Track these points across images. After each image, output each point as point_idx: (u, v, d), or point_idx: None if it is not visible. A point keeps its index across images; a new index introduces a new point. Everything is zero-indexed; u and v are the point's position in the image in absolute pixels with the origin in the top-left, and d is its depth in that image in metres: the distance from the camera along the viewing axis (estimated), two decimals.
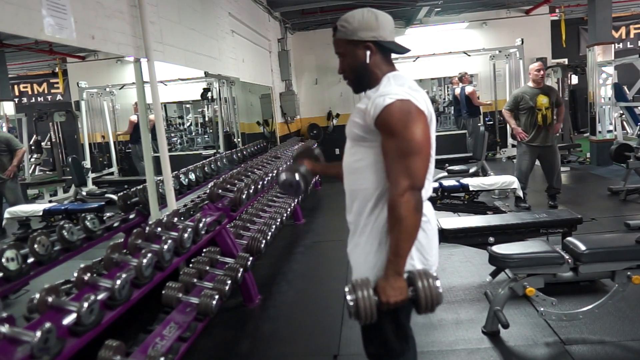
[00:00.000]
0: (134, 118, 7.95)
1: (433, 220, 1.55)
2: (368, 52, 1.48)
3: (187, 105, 10.78)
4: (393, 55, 1.55)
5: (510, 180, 4.61)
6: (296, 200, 4.86)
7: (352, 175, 1.53)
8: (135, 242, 2.32)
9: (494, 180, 4.69)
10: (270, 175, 4.25)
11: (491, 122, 9.24)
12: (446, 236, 3.36)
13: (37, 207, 4.67)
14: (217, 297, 2.41)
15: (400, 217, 1.34)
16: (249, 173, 4.32)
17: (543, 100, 5.03)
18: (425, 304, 1.39)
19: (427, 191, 1.51)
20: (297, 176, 1.74)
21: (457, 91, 8.87)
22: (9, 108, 8.33)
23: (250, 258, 3.07)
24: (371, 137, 1.44)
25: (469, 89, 8.54)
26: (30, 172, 8.65)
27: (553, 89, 5.29)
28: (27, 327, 1.56)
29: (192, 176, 3.81)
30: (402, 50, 1.53)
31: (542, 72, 5.14)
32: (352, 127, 1.51)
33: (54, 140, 8.70)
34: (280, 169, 1.84)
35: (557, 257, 2.58)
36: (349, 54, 1.50)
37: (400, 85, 1.43)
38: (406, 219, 1.34)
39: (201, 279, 2.69)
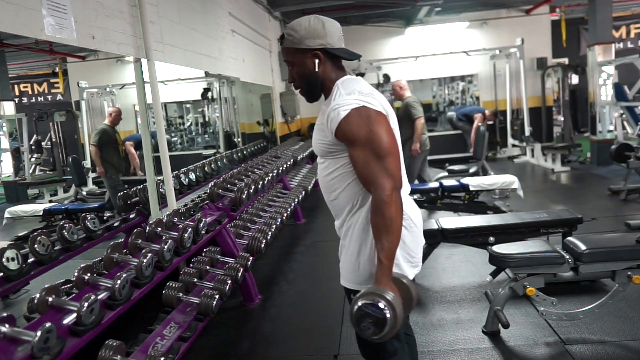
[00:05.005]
0: None
1: (416, 217, 1.54)
2: (317, 61, 1.47)
3: (188, 105, 10.78)
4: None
5: (510, 180, 4.61)
6: (296, 200, 4.85)
7: (329, 188, 1.54)
8: (135, 242, 2.32)
9: (494, 180, 4.69)
10: (271, 175, 4.25)
11: (491, 122, 9.25)
12: (446, 236, 3.36)
13: (38, 207, 4.68)
14: (217, 296, 2.41)
15: (392, 218, 1.32)
16: (249, 173, 4.32)
17: None
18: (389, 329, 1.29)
19: (405, 188, 1.53)
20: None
21: None
22: (9, 108, 8.33)
23: (251, 258, 3.07)
24: (338, 149, 1.44)
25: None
26: (30, 172, 8.64)
27: (403, 103, 5.31)
28: (28, 326, 1.56)
29: (192, 176, 3.81)
30: (352, 56, 1.52)
31: (396, 90, 5.36)
32: (317, 143, 1.51)
33: (54, 140, 8.72)
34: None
35: (558, 257, 2.58)
36: (297, 62, 1.49)
37: (349, 94, 1.42)
38: (397, 220, 1.34)
39: (201, 278, 2.69)
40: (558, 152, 7.50)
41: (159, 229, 2.53)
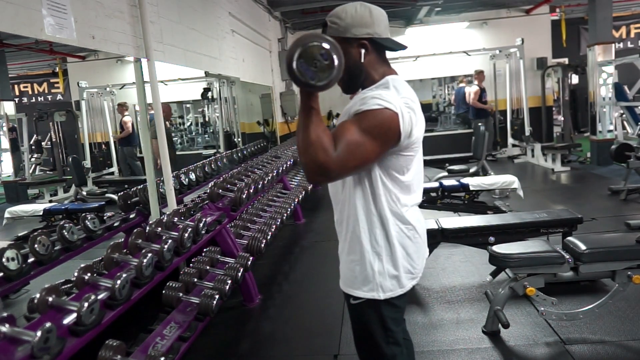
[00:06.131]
0: (128, 119, 8.06)
1: (420, 228, 1.49)
2: (363, 51, 1.38)
3: (188, 105, 10.79)
4: (390, 56, 1.47)
5: (510, 180, 4.60)
6: (297, 200, 4.85)
7: (335, 184, 1.48)
8: (135, 242, 2.32)
9: (494, 180, 4.69)
10: (271, 175, 4.25)
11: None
12: (446, 236, 3.36)
13: (38, 207, 4.67)
14: (217, 296, 2.41)
15: (310, 154, 1.24)
16: (249, 173, 4.32)
17: None
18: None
19: (415, 200, 1.48)
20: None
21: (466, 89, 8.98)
22: (9, 108, 8.34)
23: (251, 258, 3.07)
24: None
25: (472, 88, 8.59)
26: (30, 171, 8.65)
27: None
28: (28, 326, 1.56)
29: (192, 176, 3.81)
30: (398, 47, 1.44)
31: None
32: None
33: (54, 140, 8.72)
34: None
35: (558, 257, 2.58)
36: None
37: (399, 96, 1.34)
38: (308, 143, 1.24)
39: (201, 278, 2.69)
40: (558, 152, 7.50)
41: (159, 229, 2.52)
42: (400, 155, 1.38)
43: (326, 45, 1.18)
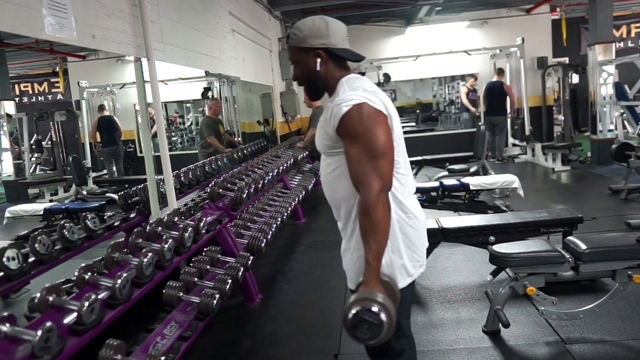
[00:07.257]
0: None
1: (420, 216, 1.55)
2: (318, 60, 1.48)
3: (188, 105, 10.78)
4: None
5: (510, 180, 4.60)
6: (297, 199, 4.85)
7: (331, 186, 1.54)
8: (135, 241, 2.32)
9: (494, 179, 4.69)
10: (271, 174, 4.25)
11: None
12: (447, 235, 3.36)
13: (38, 207, 4.67)
14: (217, 296, 2.41)
15: (379, 219, 1.31)
16: (250, 172, 4.31)
17: None
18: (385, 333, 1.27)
19: (410, 187, 1.53)
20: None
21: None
22: (9, 107, 8.34)
23: (251, 257, 3.07)
24: (340, 145, 1.44)
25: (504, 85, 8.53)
26: (31, 171, 8.65)
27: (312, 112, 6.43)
28: (28, 326, 1.56)
29: (192, 175, 3.81)
30: (355, 57, 1.54)
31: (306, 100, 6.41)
32: (320, 139, 1.52)
33: (54, 139, 8.70)
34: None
35: (558, 256, 2.58)
36: (300, 61, 1.52)
37: (353, 90, 1.43)
38: (384, 221, 1.32)
39: (202, 278, 2.69)
40: (558, 151, 7.49)
41: (160, 228, 2.52)
42: None
43: (374, 308, 1.25)
